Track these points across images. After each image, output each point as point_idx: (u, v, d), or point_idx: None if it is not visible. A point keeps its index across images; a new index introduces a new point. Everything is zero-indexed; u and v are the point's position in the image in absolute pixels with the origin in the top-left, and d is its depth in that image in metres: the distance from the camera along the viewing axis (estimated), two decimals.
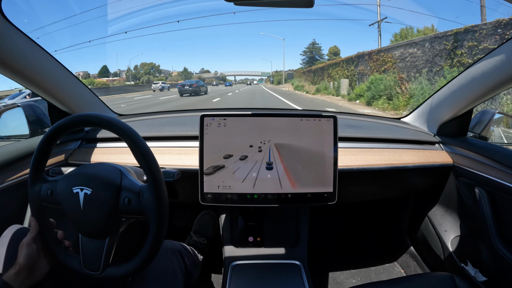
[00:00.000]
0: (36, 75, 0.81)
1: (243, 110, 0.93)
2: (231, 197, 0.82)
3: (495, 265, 0.83)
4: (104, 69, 39.32)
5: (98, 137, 1.03)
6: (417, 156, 0.98)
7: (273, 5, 0.68)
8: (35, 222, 0.60)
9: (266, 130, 0.81)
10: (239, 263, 0.97)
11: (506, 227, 0.81)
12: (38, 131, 1.00)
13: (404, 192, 1.14)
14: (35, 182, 0.60)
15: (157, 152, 0.69)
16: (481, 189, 0.87)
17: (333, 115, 0.81)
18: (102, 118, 0.57)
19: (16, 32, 0.71)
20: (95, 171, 0.59)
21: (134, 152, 0.56)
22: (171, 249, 0.83)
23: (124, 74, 40.06)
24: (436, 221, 1.07)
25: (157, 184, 0.56)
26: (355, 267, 1.30)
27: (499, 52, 0.75)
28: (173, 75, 52.87)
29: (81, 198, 0.56)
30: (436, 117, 1.05)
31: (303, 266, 0.95)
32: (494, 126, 1.08)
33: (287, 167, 0.82)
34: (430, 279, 0.80)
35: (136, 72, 44.28)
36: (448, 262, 0.99)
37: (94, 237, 0.58)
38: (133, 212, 0.57)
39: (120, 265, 0.59)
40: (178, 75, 52.31)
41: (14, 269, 0.55)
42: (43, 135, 0.59)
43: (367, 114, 1.47)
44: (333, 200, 0.83)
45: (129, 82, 31.93)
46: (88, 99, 1.06)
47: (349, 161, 0.93)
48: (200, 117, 0.80)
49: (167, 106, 10.95)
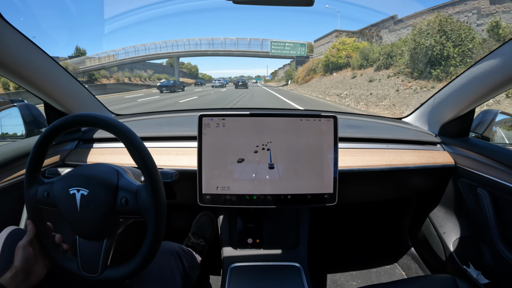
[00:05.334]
0: (32, 75, 0.80)
1: (242, 110, 0.92)
2: (230, 198, 0.81)
3: (497, 267, 0.82)
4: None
5: (95, 137, 1.02)
6: (418, 157, 0.97)
7: (273, 3, 0.67)
8: (31, 224, 0.59)
9: (265, 130, 0.80)
10: (238, 265, 0.96)
11: (509, 228, 0.80)
12: (34, 131, 0.99)
13: (405, 193, 1.13)
14: (31, 184, 0.60)
15: (155, 153, 0.68)
16: (483, 190, 0.86)
17: (333, 115, 0.81)
18: (99, 118, 0.56)
19: (11, 31, 0.70)
20: (92, 171, 0.59)
21: (132, 152, 0.56)
22: (169, 251, 0.82)
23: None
24: (438, 222, 1.06)
25: (154, 184, 0.55)
26: (356, 269, 1.29)
27: (502, 51, 0.74)
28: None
29: (78, 199, 0.55)
30: (438, 117, 1.04)
31: (303, 268, 0.94)
32: (496, 127, 1.07)
33: (287, 167, 0.80)
34: (432, 282, 0.79)
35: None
36: (449, 264, 0.98)
37: (91, 239, 0.58)
38: (131, 212, 0.57)
39: (118, 267, 0.58)
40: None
41: (10, 272, 0.54)
42: (39, 136, 0.58)
43: (368, 114, 1.46)
44: (333, 201, 0.82)
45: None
46: (85, 99, 1.05)
47: (350, 161, 0.92)
48: (198, 117, 0.79)
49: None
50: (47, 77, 0.85)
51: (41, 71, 0.82)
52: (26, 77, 0.79)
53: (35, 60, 0.79)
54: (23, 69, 0.76)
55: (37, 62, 0.79)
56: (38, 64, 0.80)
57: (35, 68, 0.80)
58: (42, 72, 0.83)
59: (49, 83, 0.87)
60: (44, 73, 0.83)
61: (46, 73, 0.84)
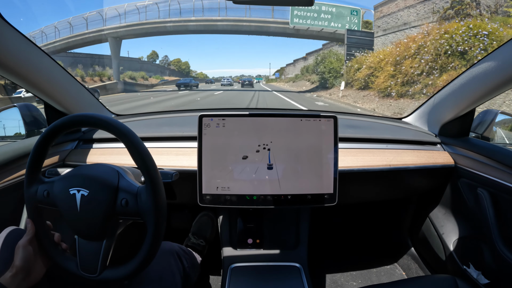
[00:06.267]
0: (32, 75, 0.80)
1: (242, 110, 0.92)
2: (230, 198, 0.81)
3: (497, 267, 0.82)
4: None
5: (95, 137, 1.02)
6: (418, 157, 0.97)
7: (273, 3, 0.67)
8: (31, 223, 0.60)
9: (265, 131, 0.80)
10: (238, 265, 0.96)
11: (509, 229, 0.80)
12: (34, 132, 0.99)
13: (405, 193, 1.13)
14: (31, 183, 0.60)
15: (155, 153, 0.68)
16: (483, 190, 0.86)
17: (333, 115, 0.81)
18: (99, 118, 0.56)
19: (11, 31, 0.70)
20: (92, 172, 0.59)
21: (132, 152, 0.56)
22: (169, 251, 0.82)
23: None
24: (438, 222, 1.06)
25: (154, 185, 0.55)
26: (356, 269, 1.29)
27: (502, 51, 0.74)
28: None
29: (78, 200, 0.55)
30: (438, 117, 1.04)
31: (303, 268, 0.94)
32: (496, 127, 1.07)
33: (287, 168, 0.80)
34: (432, 282, 0.79)
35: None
36: (450, 264, 0.98)
37: (91, 239, 0.58)
38: (131, 214, 0.57)
39: (118, 267, 0.58)
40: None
41: (10, 271, 0.55)
42: (39, 136, 0.58)
43: (368, 114, 1.46)
44: (333, 202, 0.82)
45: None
46: (85, 99, 1.05)
47: (350, 161, 0.92)
48: (198, 117, 0.79)
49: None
50: (47, 77, 0.85)
51: (41, 71, 0.82)
52: (26, 77, 0.79)
53: (35, 60, 0.79)
54: (23, 69, 0.76)
55: (37, 62, 0.79)
56: (38, 64, 0.80)
57: (35, 68, 0.79)
58: (42, 72, 0.83)
59: (49, 83, 0.87)
60: (44, 73, 0.83)
61: (46, 73, 0.84)
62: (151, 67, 33.08)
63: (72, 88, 0.97)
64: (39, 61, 0.80)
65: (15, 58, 0.73)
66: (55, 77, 0.88)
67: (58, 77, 0.90)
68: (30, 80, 0.81)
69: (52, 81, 0.88)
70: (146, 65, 32.20)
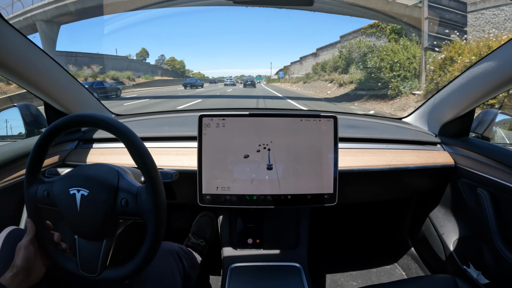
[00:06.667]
0: (32, 75, 0.80)
1: (242, 110, 0.92)
2: (230, 198, 0.81)
3: (497, 267, 0.82)
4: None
5: (95, 137, 1.02)
6: (418, 157, 0.97)
7: (273, 3, 0.67)
8: (31, 223, 0.60)
9: (265, 131, 0.80)
10: (238, 265, 0.96)
11: (509, 228, 0.80)
12: (34, 132, 0.99)
13: (405, 193, 1.13)
14: (31, 183, 0.60)
15: (155, 153, 0.68)
16: (483, 190, 0.86)
17: (333, 115, 0.81)
18: (99, 118, 0.56)
19: (11, 31, 0.70)
20: (92, 172, 0.59)
21: (132, 152, 0.56)
22: (169, 251, 0.82)
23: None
24: (438, 222, 1.06)
25: (154, 185, 0.55)
26: (356, 269, 1.29)
27: (502, 51, 0.74)
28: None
29: (78, 200, 0.55)
30: (438, 117, 1.04)
31: (303, 268, 0.94)
32: (496, 127, 1.07)
33: (287, 168, 0.80)
34: (432, 282, 0.79)
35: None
36: (450, 264, 0.98)
37: (91, 239, 0.58)
38: (131, 214, 0.57)
39: (118, 267, 0.58)
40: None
41: (11, 271, 0.54)
42: (39, 136, 0.59)
43: (368, 114, 1.46)
44: (333, 202, 0.82)
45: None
46: (85, 99, 1.05)
47: (350, 162, 0.92)
48: (198, 117, 0.79)
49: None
50: (47, 77, 0.85)
51: (41, 71, 0.82)
52: (26, 77, 0.79)
53: (35, 60, 0.79)
54: (23, 69, 0.76)
55: (37, 62, 0.79)
56: (38, 64, 0.80)
57: (35, 68, 0.79)
58: (42, 72, 0.83)
59: (49, 83, 0.86)
60: (44, 73, 0.83)
61: (46, 73, 0.84)
62: (140, 66, 29.42)
63: (72, 88, 0.97)
64: (39, 61, 0.80)
65: (15, 58, 0.73)
66: (55, 77, 0.88)
67: (58, 77, 0.90)
68: (30, 80, 0.81)
69: (52, 81, 0.88)
70: (134, 64, 28.50)
